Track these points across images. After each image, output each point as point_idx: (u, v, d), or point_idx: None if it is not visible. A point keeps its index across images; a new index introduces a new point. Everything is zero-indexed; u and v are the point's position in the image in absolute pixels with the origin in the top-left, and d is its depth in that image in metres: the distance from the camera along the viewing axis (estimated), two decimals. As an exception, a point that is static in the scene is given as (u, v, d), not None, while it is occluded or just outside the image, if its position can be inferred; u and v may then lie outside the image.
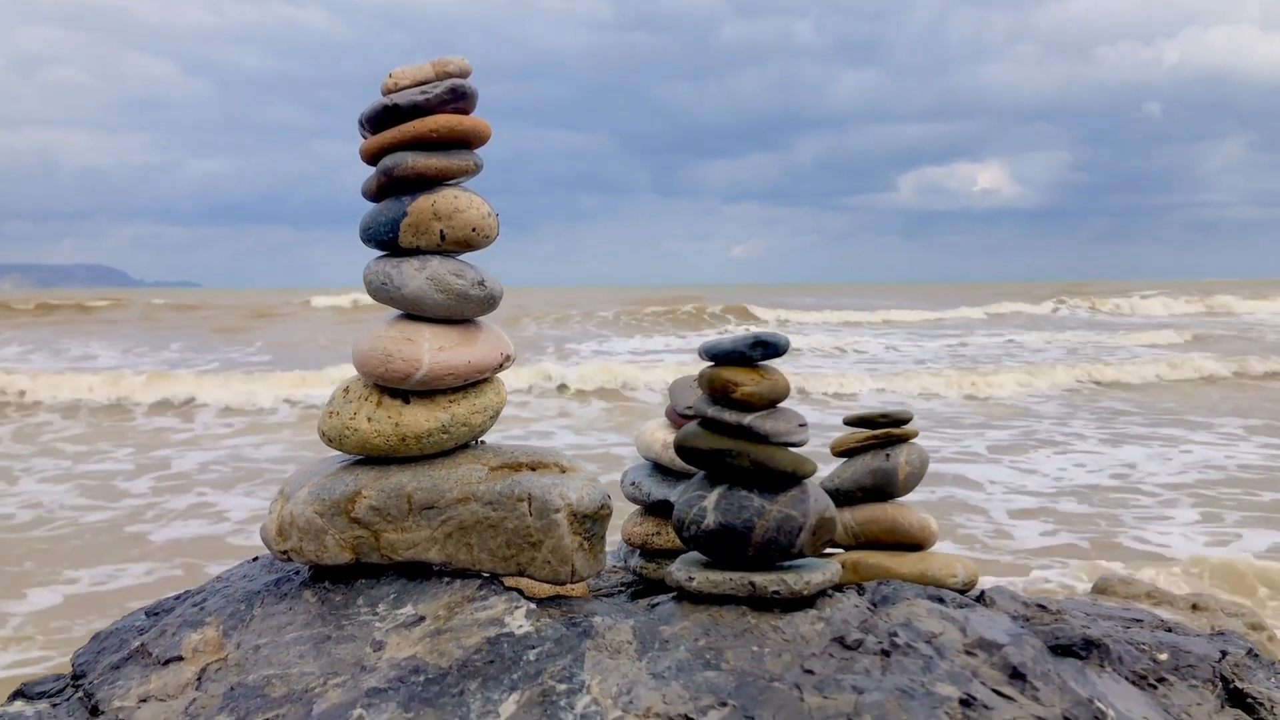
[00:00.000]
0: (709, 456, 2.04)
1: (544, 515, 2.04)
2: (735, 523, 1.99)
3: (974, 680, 1.78)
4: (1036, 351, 20.80)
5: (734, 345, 2.03)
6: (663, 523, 2.42)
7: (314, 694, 1.83)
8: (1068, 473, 8.43)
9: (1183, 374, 15.65)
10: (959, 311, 34.01)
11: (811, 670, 1.79)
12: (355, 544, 2.09)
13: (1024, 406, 12.77)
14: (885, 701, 1.70)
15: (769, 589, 1.97)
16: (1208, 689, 2.05)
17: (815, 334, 24.50)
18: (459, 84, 2.09)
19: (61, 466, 8.96)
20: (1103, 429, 10.80)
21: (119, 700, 1.93)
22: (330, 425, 2.14)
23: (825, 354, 20.83)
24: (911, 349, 21.90)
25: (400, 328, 2.11)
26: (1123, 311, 35.25)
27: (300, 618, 2.04)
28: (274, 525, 2.14)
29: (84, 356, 19.54)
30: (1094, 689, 1.84)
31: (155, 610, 2.32)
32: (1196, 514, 6.96)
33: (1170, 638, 2.23)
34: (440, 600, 2.03)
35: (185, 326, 26.28)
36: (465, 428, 2.13)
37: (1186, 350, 19.57)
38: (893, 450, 2.39)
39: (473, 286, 2.11)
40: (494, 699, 1.77)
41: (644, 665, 1.83)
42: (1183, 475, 8.21)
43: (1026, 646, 1.87)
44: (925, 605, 2.01)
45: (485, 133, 2.13)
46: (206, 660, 1.98)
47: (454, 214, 2.08)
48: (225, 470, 8.78)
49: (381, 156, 2.12)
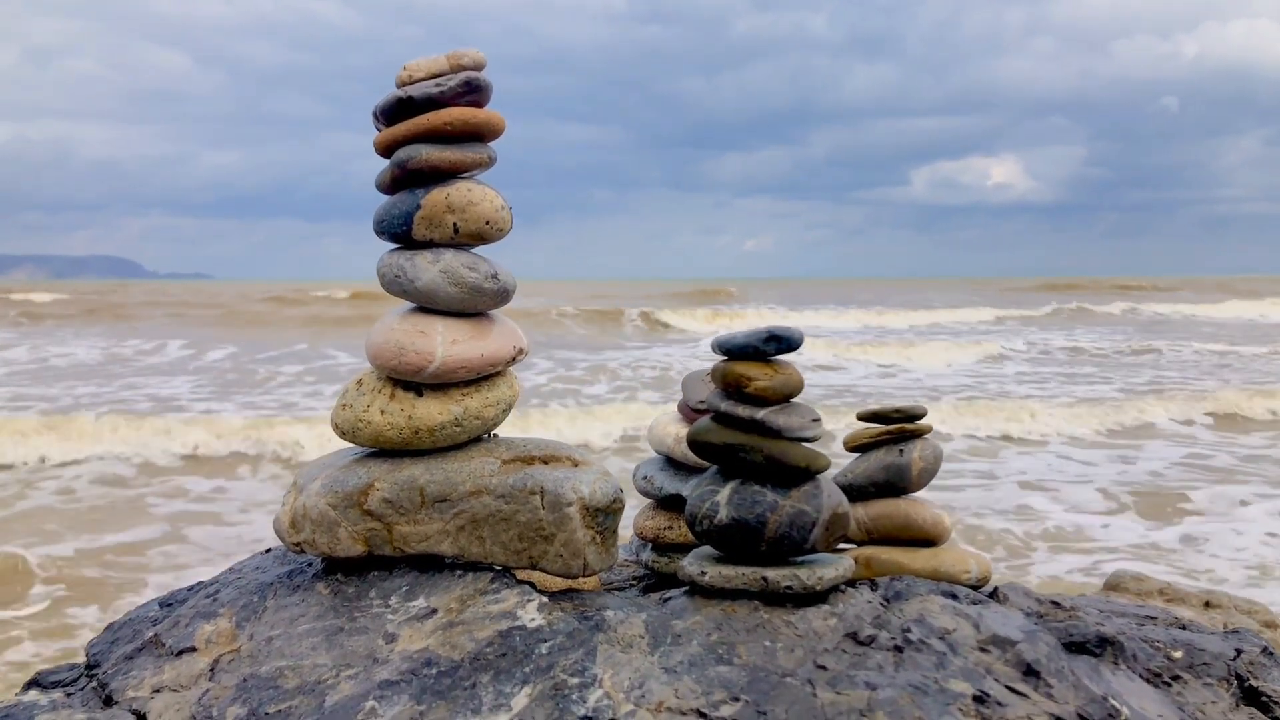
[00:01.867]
0: (722, 451, 2.04)
1: (556, 509, 2.04)
2: (748, 518, 1.98)
3: (987, 677, 1.77)
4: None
5: (747, 340, 2.02)
6: (675, 517, 2.42)
7: (326, 685, 1.83)
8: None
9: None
10: (1050, 309, 32.01)
11: (824, 666, 1.79)
12: (368, 536, 2.09)
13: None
14: (898, 698, 1.69)
15: (782, 584, 1.96)
16: (1222, 687, 2.04)
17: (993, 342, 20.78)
18: (474, 77, 2.09)
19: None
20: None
21: (132, 690, 1.94)
22: (343, 418, 2.14)
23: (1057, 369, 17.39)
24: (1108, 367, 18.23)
25: (413, 320, 2.11)
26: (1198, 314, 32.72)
27: (313, 609, 2.04)
28: (287, 517, 2.14)
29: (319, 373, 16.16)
30: (1108, 686, 1.84)
31: (169, 601, 2.33)
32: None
33: (1185, 635, 2.22)
34: (452, 593, 2.03)
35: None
36: (478, 421, 2.13)
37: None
38: (906, 445, 2.38)
39: (486, 280, 2.11)
40: (506, 692, 1.77)
41: (656, 659, 1.83)
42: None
43: (1040, 643, 1.86)
44: (938, 601, 2.00)
45: (499, 126, 2.13)
46: (219, 651, 1.98)
47: (468, 207, 2.08)
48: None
49: (396, 149, 2.11)
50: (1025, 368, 18.05)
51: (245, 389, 14.38)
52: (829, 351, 18.71)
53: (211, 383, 15.14)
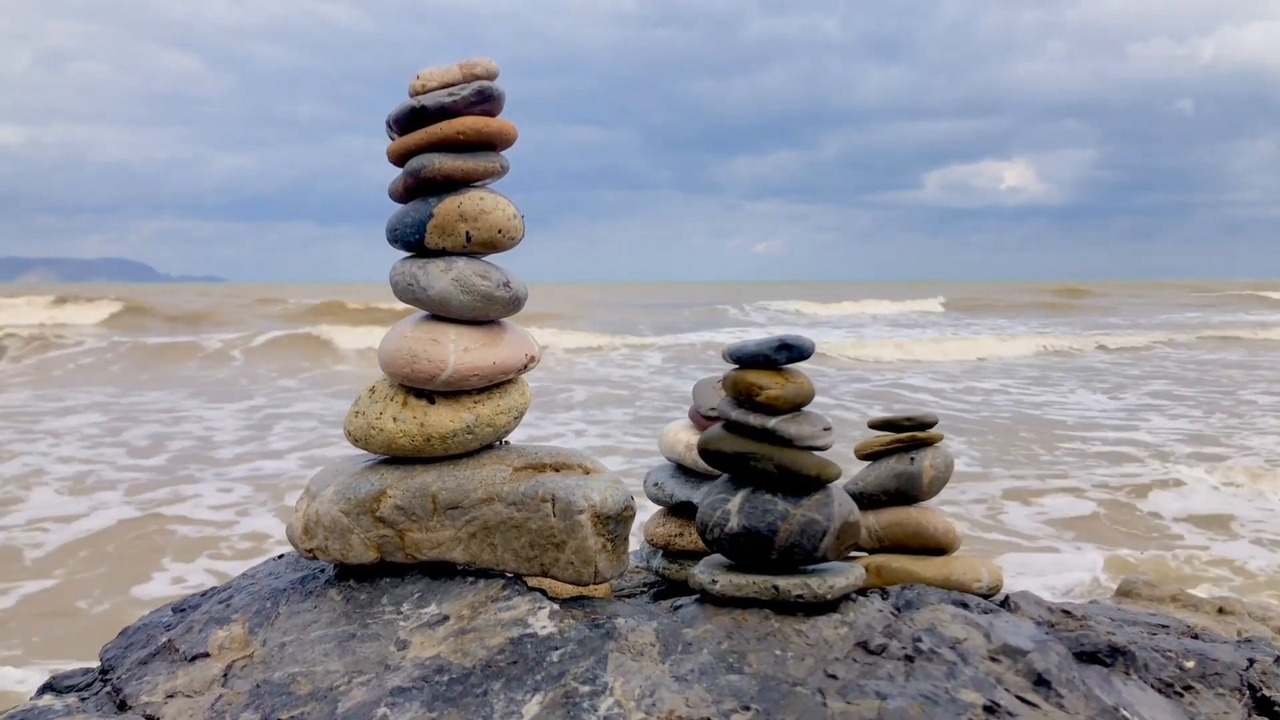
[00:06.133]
0: (733, 459, 2.04)
1: (567, 516, 2.05)
2: (759, 526, 1.99)
3: (998, 687, 1.77)
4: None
5: (758, 348, 2.02)
6: (685, 524, 2.42)
7: (339, 692, 1.84)
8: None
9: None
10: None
11: (835, 675, 1.79)
12: (380, 543, 2.10)
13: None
14: (909, 708, 1.69)
15: (792, 593, 1.96)
16: (1235, 697, 2.03)
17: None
18: (486, 86, 2.10)
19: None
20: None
21: (146, 695, 1.95)
22: (356, 425, 2.15)
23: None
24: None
25: (426, 328, 2.12)
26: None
27: (325, 616, 2.05)
28: (300, 524, 2.15)
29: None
30: (1119, 697, 1.83)
31: (182, 607, 2.34)
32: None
33: (1197, 645, 2.21)
34: (464, 600, 2.03)
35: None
36: (490, 428, 2.14)
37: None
38: (917, 454, 2.38)
39: (498, 288, 2.11)
40: (517, 699, 1.78)
41: (667, 667, 1.83)
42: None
43: (1051, 653, 1.86)
44: (949, 610, 2.00)
45: (511, 135, 2.14)
46: (233, 657, 1.99)
47: (480, 215, 2.09)
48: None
49: (409, 158, 2.13)
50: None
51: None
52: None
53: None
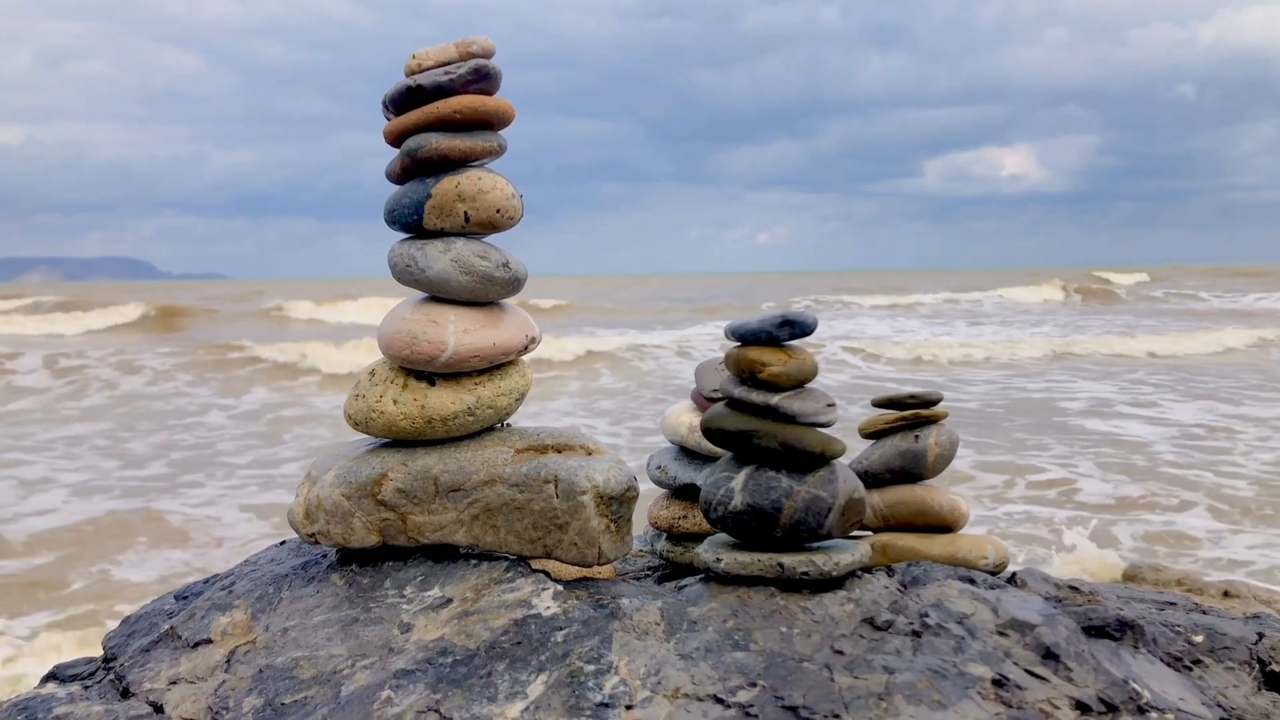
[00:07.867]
0: (736, 437, 2.03)
1: (570, 497, 2.04)
2: (763, 503, 1.97)
3: (1006, 660, 1.76)
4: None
5: (760, 325, 2.01)
6: (689, 506, 2.41)
7: (342, 676, 1.83)
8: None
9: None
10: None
11: (841, 651, 1.78)
12: (382, 526, 2.09)
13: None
14: (917, 682, 1.68)
15: (798, 570, 1.95)
16: (1244, 671, 2.02)
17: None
18: (483, 64, 2.08)
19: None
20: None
21: (149, 683, 1.94)
22: (356, 408, 2.14)
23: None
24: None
25: (425, 310, 2.11)
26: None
27: (328, 600, 2.04)
28: (301, 508, 2.14)
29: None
30: (1129, 670, 1.82)
31: (184, 594, 2.33)
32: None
33: (1205, 620, 2.20)
34: (467, 582, 2.02)
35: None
36: (491, 410, 2.13)
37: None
38: (922, 432, 2.36)
39: (497, 268, 2.10)
40: (522, 680, 1.77)
41: (672, 646, 1.82)
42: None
43: (1060, 627, 1.84)
44: (956, 586, 1.98)
45: (509, 113, 2.12)
46: (235, 643, 1.98)
47: (478, 195, 2.07)
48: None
49: (405, 138, 2.11)
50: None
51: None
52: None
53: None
